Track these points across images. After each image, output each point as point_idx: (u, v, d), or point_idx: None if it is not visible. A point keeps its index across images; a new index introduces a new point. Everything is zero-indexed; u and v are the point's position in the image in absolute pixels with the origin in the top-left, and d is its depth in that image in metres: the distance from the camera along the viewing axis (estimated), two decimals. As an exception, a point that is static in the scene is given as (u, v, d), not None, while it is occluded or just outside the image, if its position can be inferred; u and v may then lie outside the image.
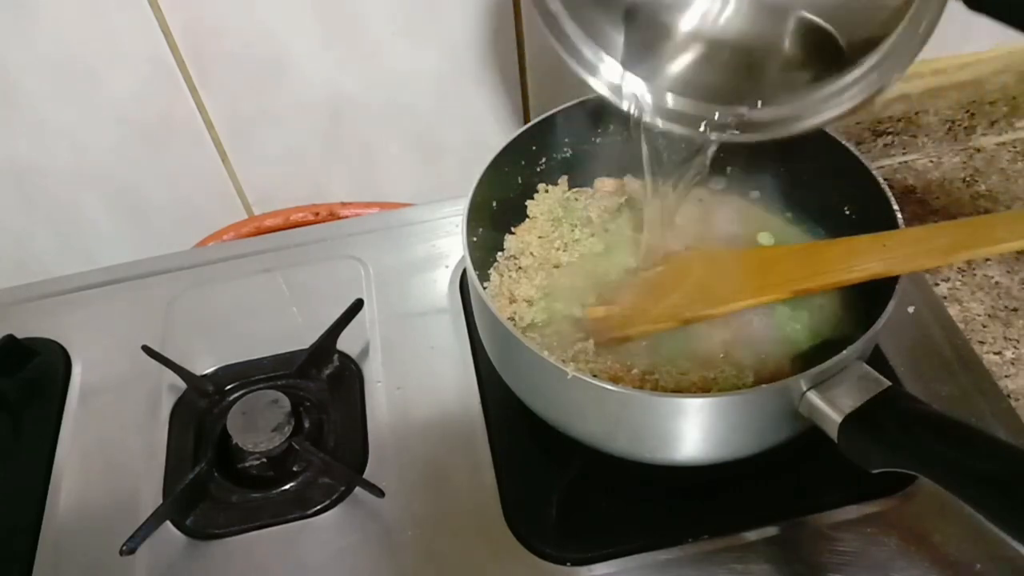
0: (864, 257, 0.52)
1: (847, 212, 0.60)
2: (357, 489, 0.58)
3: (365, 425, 0.62)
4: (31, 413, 0.66)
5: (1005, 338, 0.70)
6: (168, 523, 0.57)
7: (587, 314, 0.58)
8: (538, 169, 0.65)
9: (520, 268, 0.61)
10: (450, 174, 0.85)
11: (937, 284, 0.74)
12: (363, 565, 0.55)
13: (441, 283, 0.72)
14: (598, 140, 0.66)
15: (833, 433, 0.45)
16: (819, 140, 0.59)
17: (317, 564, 0.55)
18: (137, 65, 0.70)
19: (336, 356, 0.66)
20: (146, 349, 0.65)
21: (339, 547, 0.56)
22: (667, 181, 0.57)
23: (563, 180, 0.66)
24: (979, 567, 0.52)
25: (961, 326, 0.68)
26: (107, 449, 0.63)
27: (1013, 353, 0.69)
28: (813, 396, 0.46)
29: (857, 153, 0.57)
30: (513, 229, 0.64)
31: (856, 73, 0.49)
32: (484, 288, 0.55)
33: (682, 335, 0.56)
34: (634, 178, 0.67)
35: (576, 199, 0.65)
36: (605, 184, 0.66)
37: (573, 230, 0.62)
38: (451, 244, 0.74)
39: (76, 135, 0.74)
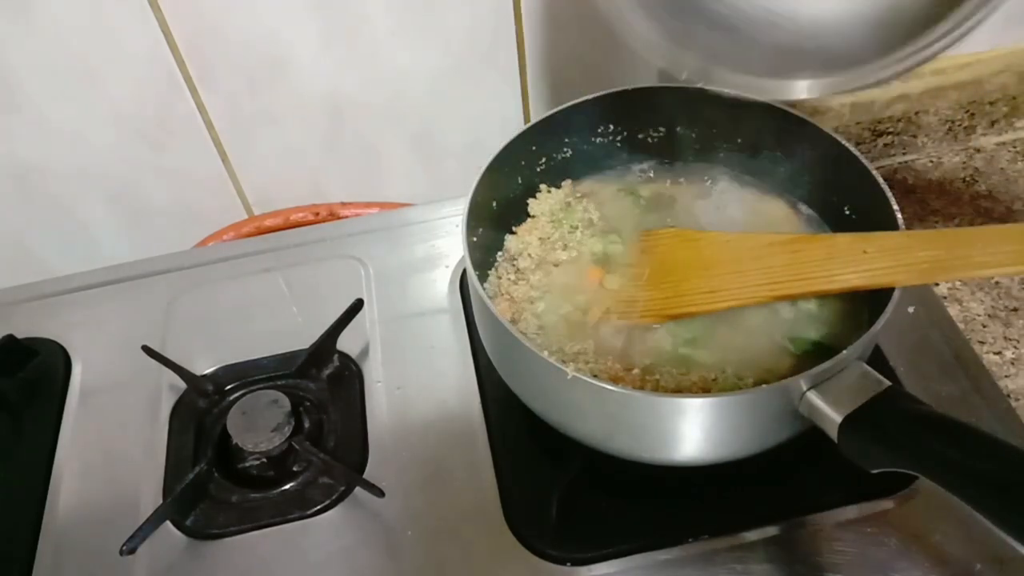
0: (845, 264, 0.52)
1: (847, 212, 0.60)
2: (357, 489, 0.58)
3: (365, 425, 0.62)
4: (31, 413, 0.66)
5: (1005, 338, 0.70)
6: (168, 523, 0.57)
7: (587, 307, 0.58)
8: (538, 169, 0.65)
9: (520, 268, 0.61)
10: (450, 174, 0.85)
11: (937, 284, 0.74)
12: (363, 565, 0.55)
13: (441, 283, 0.72)
14: (598, 140, 0.66)
15: (833, 433, 0.45)
16: (819, 140, 0.59)
17: (317, 564, 0.55)
18: (137, 65, 0.70)
19: (336, 356, 0.66)
20: (146, 349, 0.65)
21: (339, 547, 0.56)
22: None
23: (567, 184, 0.66)
24: (979, 567, 0.52)
25: (961, 326, 0.68)
26: (107, 449, 0.63)
27: (1013, 353, 0.69)
28: (813, 396, 0.46)
29: (857, 153, 0.57)
30: (514, 228, 0.64)
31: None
32: (484, 288, 0.55)
33: (683, 336, 0.56)
34: (633, 175, 0.67)
35: (579, 200, 0.65)
36: (603, 185, 0.67)
37: (575, 231, 0.62)
38: (451, 244, 0.74)
39: (76, 135, 0.74)
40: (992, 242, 0.49)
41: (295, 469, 0.60)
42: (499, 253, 0.63)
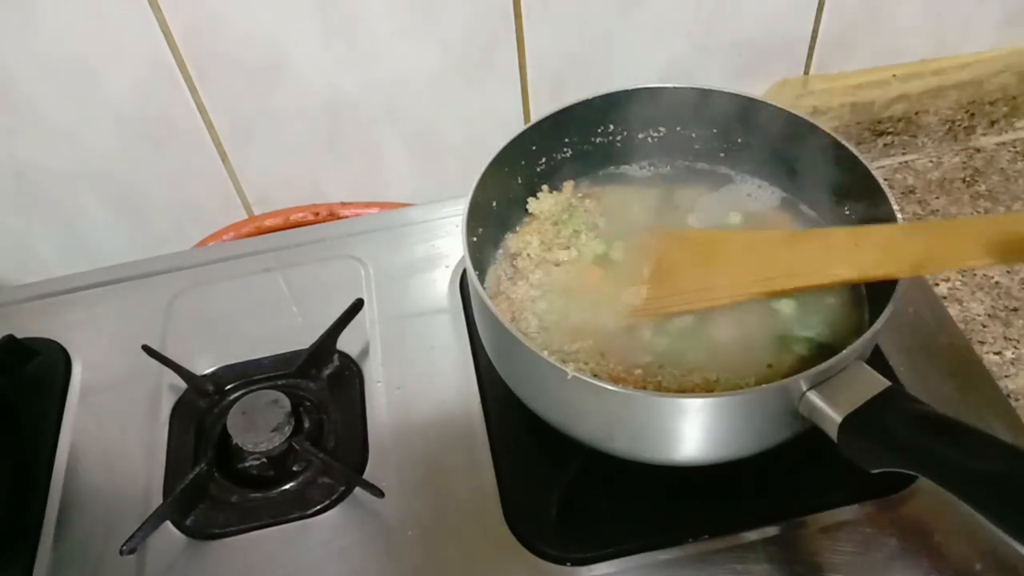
0: (837, 259, 0.52)
1: (847, 212, 0.60)
2: (357, 489, 0.58)
3: (365, 425, 0.62)
4: (31, 413, 0.66)
5: (1005, 338, 0.70)
6: (168, 523, 0.57)
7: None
8: (538, 169, 0.64)
9: (520, 268, 0.61)
10: (450, 174, 0.85)
11: (937, 284, 0.74)
12: (363, 565, 0.55)
13: (441, 283, 0.72)
14: (598, 140, 0.66)
15: (833, 433, 0.45)
16: (819, 140, 0.59)
17: (317, 564, 0.55)
18: (137, 65, 0.71)
19: (336, 356, 0.66)
20: (146, 349, 0.65)
21: (339, 547, 0.56)
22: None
23: (568, 185, 0.66)
24: (979, 567, 0.52)
25: (961, 326, 0.68)
26: (107, 449, 0.63)
27: (1013, 353, 0.69)
28: (813, 396, 0.46)
29: (857, 153, 0.57)
30: (517, 228, 0.64)
31: None
32: (484, 288, 0.55)
33: (684, 336, 0.56)
34: (633, 175, 0.67)
35: (580, 201, 0.65)
36: (604, 185, 0.67)
37: (578, 235, 0.62)
38: (451, 244, 0.74)
39: (76, 135, 0.74)
40: (983, 233, 0.49)
41: (295, 469, 0.60)
42: (499, 253, 0.63)
